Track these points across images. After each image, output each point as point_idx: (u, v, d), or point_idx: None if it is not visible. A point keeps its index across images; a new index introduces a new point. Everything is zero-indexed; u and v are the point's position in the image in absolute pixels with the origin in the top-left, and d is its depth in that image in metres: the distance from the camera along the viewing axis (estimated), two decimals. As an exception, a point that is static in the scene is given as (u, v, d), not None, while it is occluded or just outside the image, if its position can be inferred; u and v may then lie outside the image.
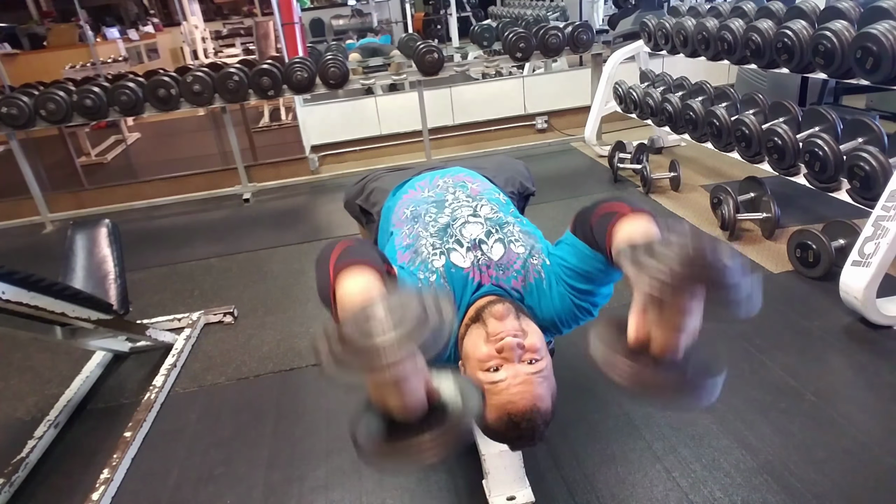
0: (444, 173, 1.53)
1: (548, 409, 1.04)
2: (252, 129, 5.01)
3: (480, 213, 1.33)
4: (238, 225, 3.49)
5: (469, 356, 1.11)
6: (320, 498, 1.49)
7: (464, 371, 1.13)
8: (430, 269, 1.23)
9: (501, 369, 1.04)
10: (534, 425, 1.02)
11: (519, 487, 1.37)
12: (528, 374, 1.04)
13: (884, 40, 1.93)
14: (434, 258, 1.24)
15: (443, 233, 1.28)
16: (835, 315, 1.97)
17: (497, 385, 1.04)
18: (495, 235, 1.27)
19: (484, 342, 1.08)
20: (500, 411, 1.02)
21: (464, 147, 4.48)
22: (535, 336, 1.10)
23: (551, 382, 1.08)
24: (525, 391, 1.02)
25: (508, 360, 1.05)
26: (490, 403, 1.04)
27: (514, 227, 1.31)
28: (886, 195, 1.86)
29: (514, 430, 1.02)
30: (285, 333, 2.23)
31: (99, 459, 1.65)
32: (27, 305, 1.41)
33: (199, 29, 6.92)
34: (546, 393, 1.05)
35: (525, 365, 1.05)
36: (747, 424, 1.55)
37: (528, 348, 1.06)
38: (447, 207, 1.35)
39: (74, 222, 2.07)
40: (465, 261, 1.23)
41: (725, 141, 2.68)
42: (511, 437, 1.04)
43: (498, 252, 1.24)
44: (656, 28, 3.38)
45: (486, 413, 1.04)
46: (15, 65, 5.81)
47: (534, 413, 1.01)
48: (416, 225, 1.33)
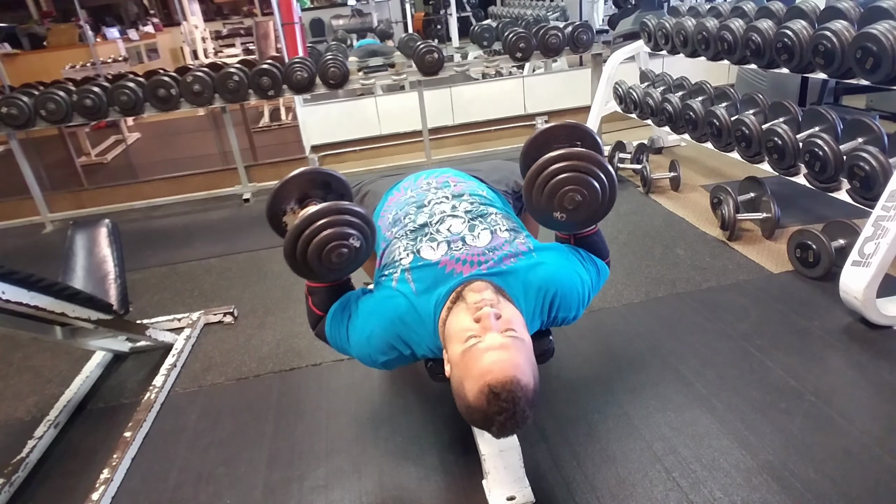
0: (430, 174, 1.55)
1: (529, 384, 1.04)
2: (252, 129, 5.02)
3: (459, 208, 1.36)
4: (238, 225, 3.49)
5: (450, 333, 1.14)
6: (320, 498, 1.49)
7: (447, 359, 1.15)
8: (396, 266, 1.28)
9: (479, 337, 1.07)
10: (514, 398, 1.01)
11: (519, 487, 1.37)
12: (507, 337, 1.06)
13: (884, 40, 1.93)
14: (403, 257, 1.29)
15: (418, 232, 1.33)
16: (835, 315, 1.97)
17: (475, 347, 1.05)
18: (480, 226, 1.32)
19: (464, 312, 1.13)
20: (480, 382, 1.02)
21: (464, 147, 4.48)
22: (512, 312, 1.14)
23: (532, 360, 1.09)
24: (503, 358, 1.03)
25: (486, 328, 1.07)
26: (469, 375, 1.04)
27: (496, 215, 1.36)
28: (886, 195, 1.86)
29: (494, 403, 1.01)
30: (285, 333, 2.23)
31: (99, 459, 1.65)
32: (27, 305, 1.41)
33: (199, 29, 6.91)
34: (526, 365, 1.06)
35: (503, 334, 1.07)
36: (747, 424, 1.55)
37: (505, 319, 1.10)
38: (426, 207, 1.38)
39: (74, 222, 2.07)
40: (435, 254, 1.26)
41: (725, 141, 2.68)
42: (492, 414, 1.02)
43: (485, 239, 1.29)
44: (656, 28, 3.38)
45: (466, 390, 1.05)
46: (15, 65, 5.81)
47: (514, 384, 1.01)
48: (394, 228, 1.38)
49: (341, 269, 1.26)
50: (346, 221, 1.20)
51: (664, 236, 2.69)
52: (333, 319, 1.31)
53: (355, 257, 1.24)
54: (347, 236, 1.20)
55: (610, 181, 1.26)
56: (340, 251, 1.20)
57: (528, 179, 1.26)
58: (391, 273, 1.27)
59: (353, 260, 1.24)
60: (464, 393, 1.06)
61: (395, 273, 1.26)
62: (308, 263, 1.21)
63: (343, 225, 1.19)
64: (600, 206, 1.27)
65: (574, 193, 1.23)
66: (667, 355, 1.86)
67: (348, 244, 1.20)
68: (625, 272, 2.40)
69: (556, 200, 1.24)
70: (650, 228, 2.79)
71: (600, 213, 1.31)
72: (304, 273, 1.26)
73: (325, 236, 1.18)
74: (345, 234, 1.19)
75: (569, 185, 1.22)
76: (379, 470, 1.54)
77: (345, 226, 1.20)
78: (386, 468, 1.55)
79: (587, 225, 1.36)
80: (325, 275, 1.27)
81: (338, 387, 1.90)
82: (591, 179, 1.23)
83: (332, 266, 1.22)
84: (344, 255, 1.21)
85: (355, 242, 1.21)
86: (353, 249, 1.22)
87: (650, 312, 2.12)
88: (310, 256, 1.19)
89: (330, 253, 1.19)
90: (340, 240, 1.19)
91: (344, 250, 1.20)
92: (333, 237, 1.18)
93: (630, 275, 2.37)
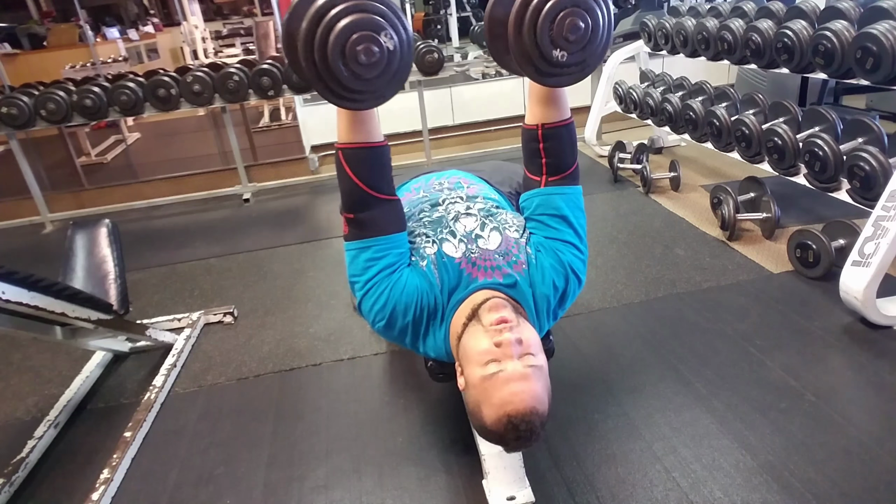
0: (440, 175, 1.55)
1: (545, 411, 1.06)
2: (252, 129, 5.01)
3: (473, 208, 1.35)
4: (238, 225, 3.49)
5: (468, 354, 1.12)
6: (320, 498, 1.48)
7: (461, 373, 1.14)
8: (421, 255, 1.25)
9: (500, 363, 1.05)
10: (532, 427, 1.03)
11: (519, 487, 1.37)
12: (527, 366, 1.05)
13: (884, 40, 1.93)
14: (426, 246, 1.26)
15: (436, 224, 1.31)
16: (835, 315, 1.97)
17: (496, 377, 1.04)
18: (490, 225, 1.31)
19: (482, 334, 1.10)
20: (500, 412, 1.03)
21: (464, 147, 4.48)
22: (531, 334, 1.12)
23: (548, 383, 1.10)
24: (524, 390, 1.03)
25: (507, 355, 1.06)
26: (489, 402, 1.04)
27: (505, 214, 1.35)
28: (886, 195, 1.86)
29: (512, 433, 1.03)
30: (285, 333, 2.23)
31: (99, 459, 1.65)
32: (27, 305, 1.41)
33: (199, 29, 6.91)
34: (544, 394, 1.07)
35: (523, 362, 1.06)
36: (747, 424, 1.55)
37: (525, 343, 1.08)
38: (441, 206, 1.38)
39: (74, 222, 2.07)
40: (456, 251, 1.25)
41: (725, 141, 2.68)
42: (509, 440, 1.05)
43: (496, 240, 1.27)
44: (656, 28, 3.38)
45: (483, 415, 1.05)
46: (15, 65, 5.81)
47: (532, 415, 1.02)
48: (409, 222, 1.36)
49: (370, 80, 1.01)
50: (378, 11, 0.99)
51: (664, 236, 2.69)
52: (380, 261, 1.21)
53: (387, 66, 1.01)
54: (379, 28, 0.98)
55: (607, 5, 1.07)
56: (370, 47, 0.97)
57: (514, 18, 1.05)
58: (417, 261, 1.25)
59: (384, 70, 1.01)
60: (481, 416, 1.06)
61: (422, 262, 1.24)
62: (328, 63, 0.97)
63: (374, 13, 0.98)
64: (601, 37, 1.07)
65: (575, 18, 1.02)
66: (667, 355, 1.86)
67: (380, 40, 0.98)
68: (625, 272, 2.40)
69: (555, 30, 1.03)
70: (650, 228, 2.79)
71: (601, 49, 1.09)
72: (319, 81, 1.01)
73: (351, 22, 0.95)
74: (376, 25, 0.97)
75: (567, 6, 1.02)
76: (379, 470, 1.54)
77: (376, 15, 0.98)
78: (386, 468, 1.55)
79: (584, 72, 1.12)
80: (348, 87, 1.01)
81: (338, 387, 1.90)
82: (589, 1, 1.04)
83: (359, 72, 0.98)
84: (374, 54, 0.97)
85: (388, 42, 0.99)
86: (386, 52, 0.99)
87: (650, 312, 2.12)
88: (331, 50, 0.96)
89: (355, 46, 0.96)
90: (371, 30, 0.97)
91: (375, 48, 0.97)
92: (362, 25, 0.96)
93: (630, 275, 2.37)
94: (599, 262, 2.49)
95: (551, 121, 1.25)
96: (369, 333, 2.13)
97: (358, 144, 1.15)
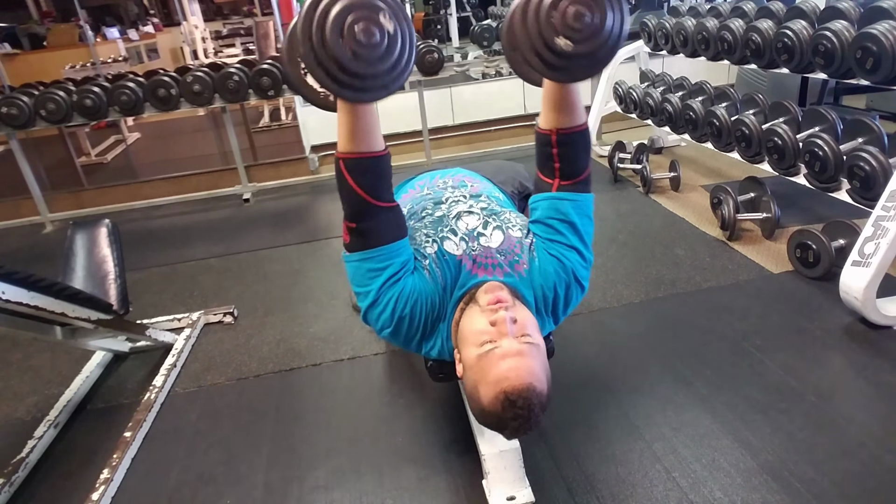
0: (445, 174, 1.55)
1: (543, 391, 1.05)
2: (252, 129, 5.02)
3: (476, 207, 1.35)
4: (238, 225, 3.49)
5: (465, 335, 1.13)
6: (320, 498, 1.48)
7: (459, 359, 1.14)
8: (423, 254, 1.25)
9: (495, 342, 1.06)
10: (530, 405, 1.01)
11: (519, 487, 1.37)
12: (523, 343, 1.06)
13: (884, 40, 1.93)
14: (427, 245, 1.27)
15: (437, 223, 1.31)
16: (835, 315, 1.97)
17: (491, 353, 1.04)
18: (493, 223, 1.31)
19: (478, 315, 1.11)
20: (496, 388, 1.02)
21: (464, 147, 4.48)
22: (527, 315, 1.13)
23: (546, 366, 1.09)
24: (520, 365, 1.03)
25: (502, 333, 1.06)
26: (485, 381, 1.04)
27: (509, 213, 1.35)
28: (886, 195, 1.86)
29: (509, 410, 1.01)
30: (285, 333, 2.23)
31: (99, 459, 1.65)
32: (27, 305, 1.41)
33: (199, 29, 6.91)
34: (541, 372, 1.06)
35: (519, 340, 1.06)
36: (747, 424, 1.55)
37: (521, 322, 1.09)
38: (443, 204, 1.38)
39: (74, 222, 2.07)
40: (457, 248, 1.25)
41: (725, 141, 2.68)
42: (507, 419, 1.03)
43: (498, 239, 1.27)
44: (656, 28, 3.38)
45: (481, 394, 1.05)
46: (15, 65, 5.82)
47: (529, 392, 1.01)
48: (411, 221, 1.36)
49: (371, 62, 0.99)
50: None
51: (664, 236, 2.69)
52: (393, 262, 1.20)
53: (388, 49, 1.00)
54: (377, 9, 0.98)
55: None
56: (369, 28, 0.96)
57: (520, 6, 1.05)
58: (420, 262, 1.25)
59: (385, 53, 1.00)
60: (478, 397, 1.06)
61: (425, 262, 1.24)
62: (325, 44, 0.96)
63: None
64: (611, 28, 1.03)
65: (580, 6, 1.00)
66: (667, 355, 1.86)
67: (379, 20, 0.98)
68: (625, 272, 2.40)
69: (558, 17, 1.00)
70: (650, 228, 2.79)
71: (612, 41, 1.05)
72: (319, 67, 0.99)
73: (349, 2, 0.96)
74: (374, 4, 0.98)
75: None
76: (379, 470, 1.54)
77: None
78: (386, 468, 1.55)
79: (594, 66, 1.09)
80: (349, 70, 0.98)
81: (338, 387, 1.90)
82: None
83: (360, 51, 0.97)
84: (373, 34, 0.97)
85: (388, 23, 0.99)
86: (385, 34, 0.98)
87: (650, 312, 2.12)
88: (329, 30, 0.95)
89: (353, 26, 0.96)
90: (369, 10, 0.97)
91: (374, 29, 0.97)
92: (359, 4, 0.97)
93: (630, 275, 2.37)
94: (599, 262, 2.49)
95: (566, 126, 1.21)
96: (369, 333, 2.13)
97: (361, 154, 1.12)
